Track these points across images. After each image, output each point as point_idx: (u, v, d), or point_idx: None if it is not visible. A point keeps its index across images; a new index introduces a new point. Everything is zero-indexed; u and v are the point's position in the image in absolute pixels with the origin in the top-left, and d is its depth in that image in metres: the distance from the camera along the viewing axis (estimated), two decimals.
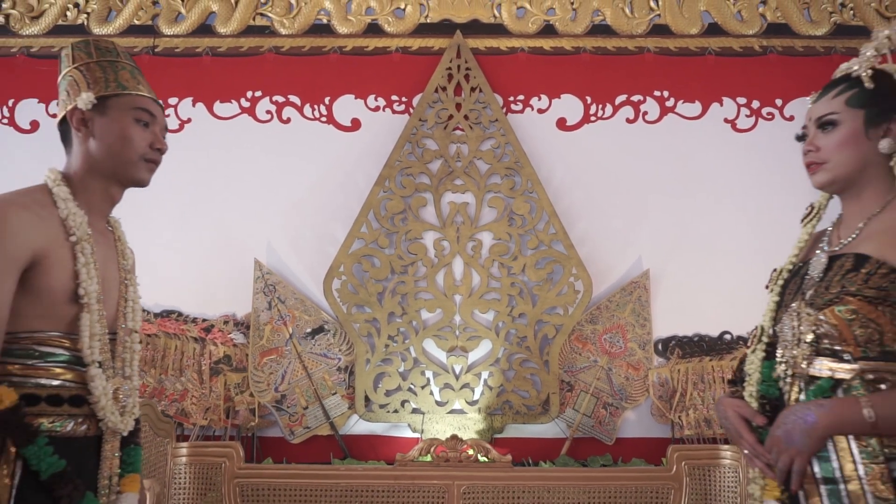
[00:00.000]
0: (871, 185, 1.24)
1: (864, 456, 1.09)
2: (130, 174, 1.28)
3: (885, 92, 1.23)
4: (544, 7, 3.27)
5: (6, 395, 1.08)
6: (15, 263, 1.11)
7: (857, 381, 1.13)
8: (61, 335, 1.16)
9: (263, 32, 3.25)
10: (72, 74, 1.28)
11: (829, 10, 3.27)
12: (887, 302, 1.12)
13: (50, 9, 3.27)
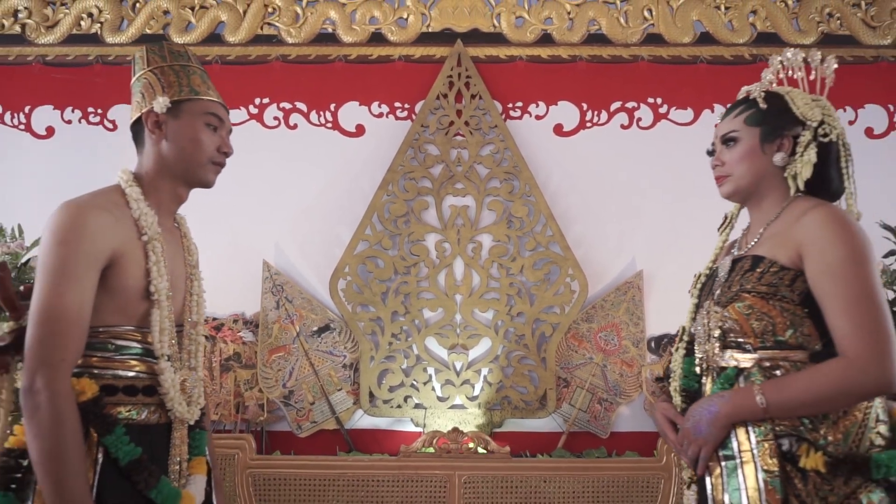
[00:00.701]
0: (769, 194, 1.37)
1: (757, 434, 1.20)
2: (199, 176, 1.34)
3: (777, 111, 1.37)
4: (542, 17, 3.38)
5: (88, 386, 1.14)
6: (96, 263, 1.16)
7: (755, 368, 1.25)
8: (134, 329, 1.22)
9: (271, 41, 3.35)
10: (146, 77, 1.33)
11: (816, 20, 3.37)
12: (777, 296, 1.25)
13: (64, 18, 3.37)
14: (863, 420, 1.19)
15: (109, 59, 3.34)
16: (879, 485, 1.15)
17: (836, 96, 3.50)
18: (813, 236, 1.23)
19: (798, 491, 1.14)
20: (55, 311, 1.11)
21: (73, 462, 1.08)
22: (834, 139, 1.34)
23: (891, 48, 3.34)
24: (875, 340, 1.15)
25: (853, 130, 3.30)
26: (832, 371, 1.17)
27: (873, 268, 1.21)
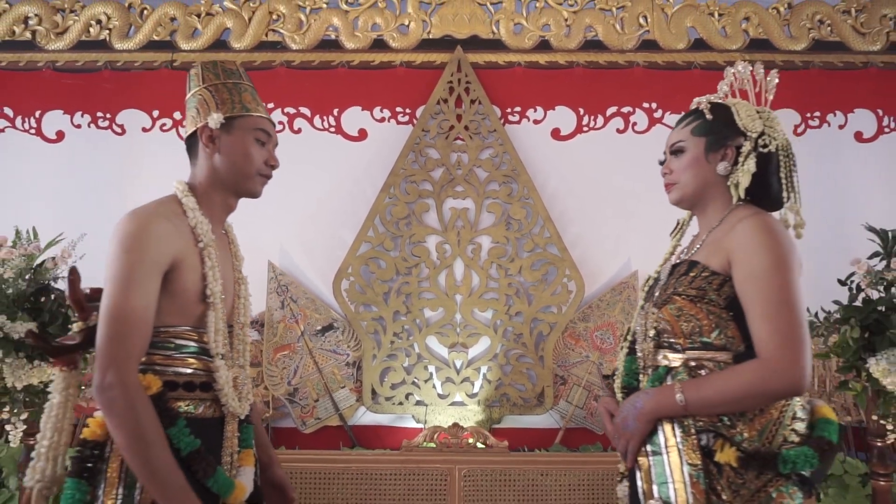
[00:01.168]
0: (713, 202, 1.44)
1: (681, 430, 1.26)
2: (248, 187, 1.43)
3: (722, 122, 1.42)
4: (540, 23, 3.46)
5: (153, 382, 1.22)
6: (158, 268, 1.24)
7: (682, 367, 1.32)
8: (191, 329, 1.30)
9: (275, 48, 3.42)
10: (201, 94, 1.42)
11: (807, 27, 3.45)
12: (704, 300, 1.31)
13: (74, 25, 3.44)
14: (778, 418, 1.25)
15: (118, 65, 3.42)
16: (790, 479, 1.20)
17: (827, 101, 3.60)
18: (741, 244, 1.28)
19: (714, 483, 1.20)
20: (123, 312, 1.19)
21: (155, 442, 1.17)
22: (773, 150, 1.39)
23: (880, 54, 3.42)
24: (789, 344, 1.20)
25: (843, 134, 3.39)
26: (747, 372, 1.23)
27: (795, 275, 1.26)
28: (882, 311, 2.32)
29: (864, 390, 2.36)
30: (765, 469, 1.20)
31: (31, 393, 2.29)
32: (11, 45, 3.43)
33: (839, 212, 3.23)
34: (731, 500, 1.18)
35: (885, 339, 2.25)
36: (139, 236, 1.23)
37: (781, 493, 1.19)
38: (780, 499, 1.19)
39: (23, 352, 2.24)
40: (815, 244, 3.20)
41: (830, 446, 1.24)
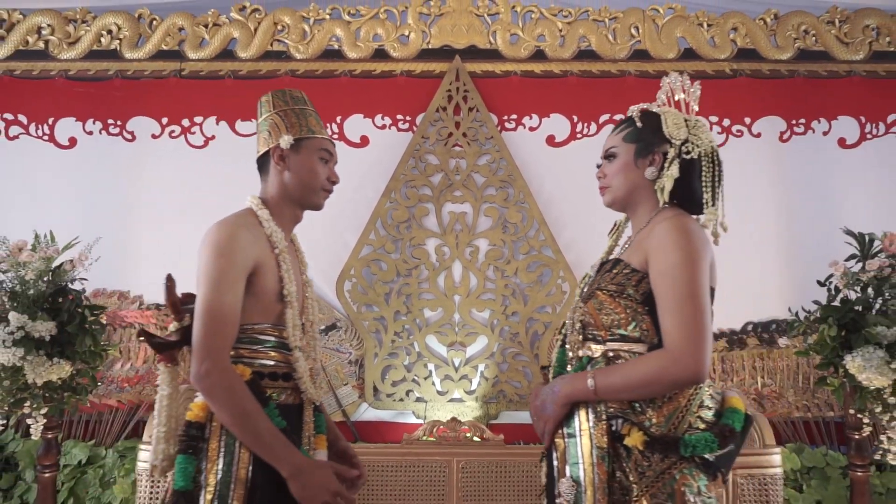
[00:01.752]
0: (642, 204, 1.52)
1: (594, 415, 1.35)
2: (313, 201, 1.59)
3: (651, 130, 1.51)
4: (535, 34, 3.58)
5: (245, 371, 1.39)
6: (244, 271, 1.41)
7: (601, 358, 1.41)
8: (271, 326, 1.46)
9: (280, 57, 3.54)
10: (272, 118, 1.58)
11: (793, 37, 3.57)
12: (623, 295, 1.40)
13: (85, 35, 3.56)
14: (685, 405, 1.33)
15: (128, 74, 3.54)
16: (694, 462, 1.29)
17: (812, 108, 3.73)
18: (656, 243, 1.37)
19: (623, 465, 1.30)
20: (217, 310, 1.36)
21: (254, 412, 1.34)
22: (695, 156, 1.47)
23: (862, 63, 3.54)
24: (691, 336, 1.29)
25: (827, 141, 3.51)
26: (651, 360, 1.32)
27: (701, 273, 1.34)
28: (858, 311, 2.45)
29: (841, 386, 2.48)
30: (669, 452, 1.28)
31: (51, 389, 2.40)
32: (25, 55, 3.55)
33: (823, 216, 3.34)
34: (636, 480, 1.28)
35: (861, 337, 2.38)
36: (227, 244, 1.40)
37: (685, 475, 1.27)
38: (684, 480, 1.27)
39: (42, 350, 2.36)
40: (800, 247, 3.37)
41: (732, 433, 1.31)
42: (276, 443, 1.34)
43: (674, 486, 1.27)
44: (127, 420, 3.19)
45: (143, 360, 3.22)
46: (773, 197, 3.46)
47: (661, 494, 1.26)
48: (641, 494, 1.27)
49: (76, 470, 2.86)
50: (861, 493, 2.51)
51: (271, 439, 1.34)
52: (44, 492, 2.49)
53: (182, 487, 1.33)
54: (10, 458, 3.00)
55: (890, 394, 2.34)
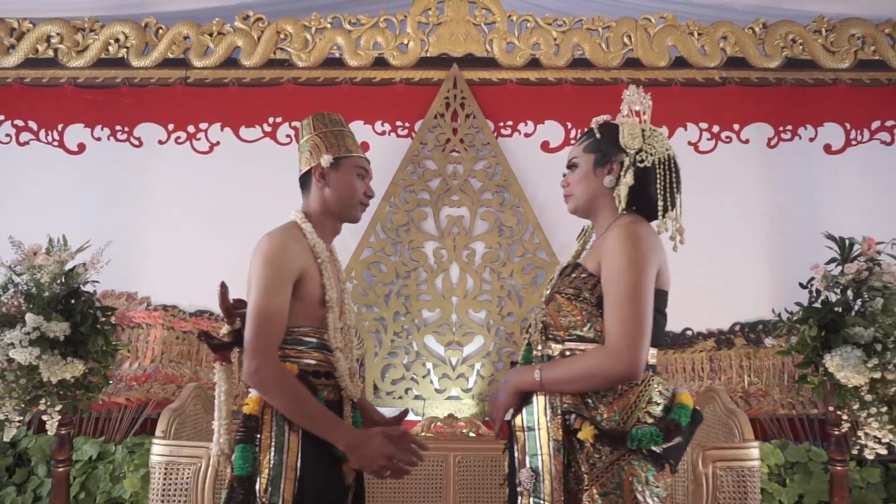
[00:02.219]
0: (602, 211, 1.60)
1: (550, 411, 1.44)
2: (351, 214, 1.72)
3: (609, 140, 1.59)
4: (530, 42, 3.69)
5: (293, 367, 1.52)
6: (291, 279, 1.53)
7: (559, 356, 1.50)
8: (313, 329, 1.58)
9: (283, 65, 3.65)
10: (313, 140, 1.71)
11: (780, 46, 3.68)
12: (579, 298, 1.48)
13: (93, 44, 3.67)
14: (634, 401, 1.41)
15: (135, 82, 3.65)
16: (642, 454, 1.37)
17: (799, 115, 3.83)
18: (607, 248, 1.45)
19: (576, 457, 1.40)
20: (267, 313, 1.48)
21: (304, 397, 1.48)
22: (648, 165, 1.53)
23: (848, 71, 3.66)
24: (628, 335, 1.37)
25: (813, 147, 3.63)
26: (591, 356, 1.42)
27: (645, 277, 1.41)
28: (838, 312, 2.55)
29: (821, 384, 2.58)
30: (617, 445, 1.37)
31: (64, 387, 2.50)
32: (35, 63, 3.66)
33: (808, 220, 3.45)
34: (587, 471, 1.38)
35: (840, 337, 2.48)
36: (276, 254, 1.53)
37: (633, 466, 1.37)
38: (632, 471, 1.36)
39: (57, 349, 2.46)
40: (786, 249, 3.48)
41: (677, 427, 1.39)
42: (329, 423, 1.48)
43: (622, 477, 1.36)
44: (135, 417, 3.30)
45: (151, 360, 3.33)
46: (760, 201, 3.57)
47: (609, 484, 1.36)
48: (591, 484, 1.37)
49: (87, 465, 2.97)
50: (840, 486, 2.61)
51: (325, 420, 1.48)
52: (58, 486, 2.59)
53: (242, 473, 1.46)
54: (22, 454, 3.11)
55: (867, 391, 2.44)
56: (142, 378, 3.29)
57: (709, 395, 2.62)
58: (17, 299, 2.49)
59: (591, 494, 1.36)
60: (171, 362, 3.35)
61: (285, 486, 1.44)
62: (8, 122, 3.63)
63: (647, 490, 1.36)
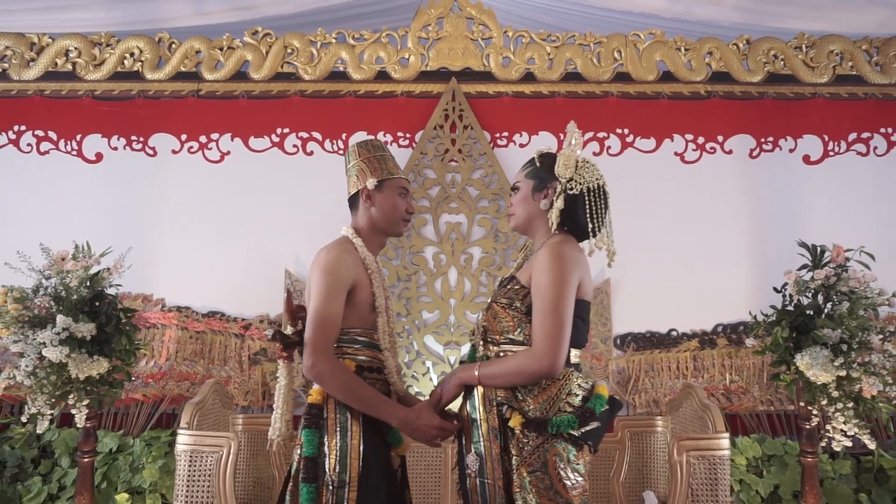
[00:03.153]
0: (538, 230, 1.82)
1: (487, 404, 1.66)
2: (395, 229, 1.92)
3: (546, 168, 1.82)
4: (525, 57, 3.88)
5: (350, 363, 1.73)
6: (346, 287, 1.73)
7: (495, 357, 1.72)
8: (364, 330, 1.79)
9: (290, 78, 3.84)
10: (359, 165, 1.90)
11: (763, 61, 3.87)
12: (512, 307, 1.71)
13: (110, 58, 3.85)
14: (556, 393, 1.64)
15: (149, 94, 3.83)
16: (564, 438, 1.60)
17: (779, 127, 4.04)
18: (536, 264, 1.69)
19: (508, 443, 1.63)
20: (325, 316, 1.69)
21: (358, 385, 1.69)
22: (577, 192, 1.75)
23: (826, 86, 3.85)
24: (549, 340, 1.60)
25: (793, 157, 3.82)
26: (520, 357, 1.65)
27: (566, 291, 1.64)
28: (808, 315, 2.75)
29: (793, 381, 2.78)
30: (541, 431, 1.61)
31: (91, 383, 2.69)
32: (54, 76, 3.84)
33: (788, 227, 3.65)
34: (517, 454, 1.61)
35: (810, 338, 2.67)
36: (334, 265, 1.73)
37: (556, 448, 1.60)
38: (555, 452, 1.59)
39: (84, 348, 2.65)
40: (767, 254, 3.67)
41: (592, 414, 1.62)
42: (381, 404, 1.70)
43: (546, 458, 1.60)
44: (151, 412, 3.49)
45: (166, 358, 3.53)
46: (742, 209, 3.76)
47: (535, 464, 1.59)
48: (520, 464, 1.60)
49: (108, 457, 3.16)
50: (811, 476, 2.81)
51: (377, 402, 1.70)
52: (83, 475, 2.78)
53: (310, 454, 1.66)
54: (46, 447, 3.30)
55: (834, 388, 2.63)
56: (157, 375, 3.48)
57: (687, 391, 2.82)
58: (48, 301, 2.68)
59: (521, 474, 1.59)
60: (184, 360, 3.54)
61: (351, 464, 1.64)
62: (29, 132, 3.81)
63: (568, 467, 1.60)
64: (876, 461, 3.19)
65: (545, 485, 1.58)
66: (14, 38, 3.86)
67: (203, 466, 2.27)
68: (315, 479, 1.64)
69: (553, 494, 1.58)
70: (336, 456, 1.65)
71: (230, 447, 2.29)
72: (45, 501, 3.11)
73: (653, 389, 3.49)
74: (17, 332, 2.65)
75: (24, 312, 2.67)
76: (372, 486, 1.66)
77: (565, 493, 1.58)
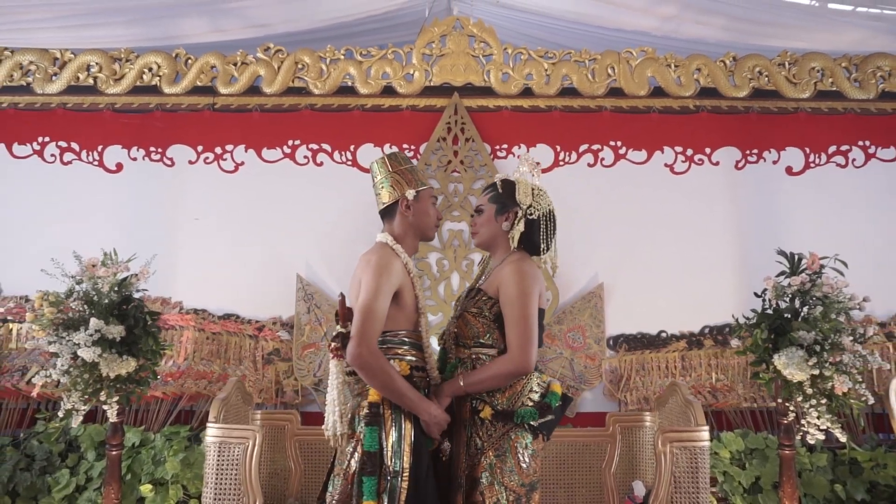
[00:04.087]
0: (500, 247, 2.11)
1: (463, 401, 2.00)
2: (429, 234, 2.12)
3: (507, 194, 2.10)
4: (524, 73, 4.09)
5: (403, 368, 1.93)
6: (393, 288, 1.91)
7: (467, 359, 2.04)
8: (408, 332, 2.00)
9: (301, 93, 4.04)
10: (393, 176, 2.07)
11: (748, 77, 4.09)
12: (481, 315, 2.02)
13: (129, 73, 4.05)
14: (520, 390, 1.98)
15: (167, 107, 4.04)
16: (524, 428, 1.93)
17: (764, 140, 4.26)
18: (502, 279, 1.99)
19: (477, 431, 1.95)
20: (372, 310, 1.86)
21: (396, 376, 1.87)
22: (535, 217, 2.06)
23: (808, 101, 4.08)
24: (522, 345, 1.92)
25: (776, 169, 4.05)
26: (498, 363, 1.95)
27: (530, 301, 1.95)
28: (786, 318, 2.97)
29: (771, 380, 3.00)
30: (507, 421, 1.94)
31: (120, 381, 2.90)
32: (76, 90, 4.04)
33: (771, 234, 3.85)
34: (486, 440, 1.94)
35: (786, 339, 2.90)
36: (384, 266, 1.92)
37: (518, 436, 1.93)
38: (517, 439, 1.93)
39: (114, 349, 2.85)
40: (751, 260, 3.89)
41: (549, 408, 1.97)
42: (413, 396, 1.89)
43: (509, 443, 1.93)
44: (171, 409, 3.70)
45: (184, 358, 3.73)
46: (728, 218, 3.99)
47: (500, 448, 1.92)
48: (489, 448, 1.93)
49: (131, 451, 3.36)
50: (788, 467, 3.02)
51: (410, 394, 1.89)
52: (112, 466, 2.98)
53: (372, 448, 1.85)
54: (72, 442, 3.50)
55: (808, 386, 2.85)
56: (176, 374, 3.69)
57: (672, 388, 3.03)
58: (81, 305, 2.88)
59: (488, 456, 1.92)
60: (201, 360, 3.74)
61: (404, 456, 1.84)
62: (53, 143, 4.01)
63: (525, 452, 1.94)
64: (848, 454, 3.41)
65: (507, 466, 1.90)
66: (38, 54, 4.06)
67: (230, 456, 2.48)
68: (374, 472, 1.82)
69: (511, 474, 1.90)
70: (392, 448, 1.85)
71: (255, 439, 2.50)
72: (74, 492, 3.32)
73: (643, 387, 3.71)
74: (52, 333, 2.86)
75: (58, 315, 2.88)
76: (421, 475, 1.85)
77: (520, 473, 1.91)
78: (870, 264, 3.81)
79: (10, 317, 3.79)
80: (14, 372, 3.69)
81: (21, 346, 3.76)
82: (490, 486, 1.89)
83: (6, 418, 3.68)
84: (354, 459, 1.87)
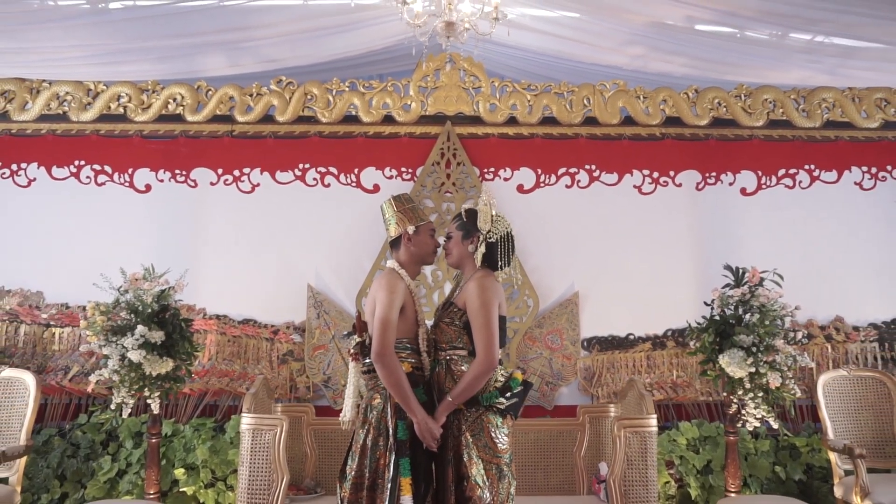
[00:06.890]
0: (467, 266, 2.55)
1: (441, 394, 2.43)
2: (427, 261, 2.59)
3: (471, 222, 2.55)
4: (509, 104, 4.57)
5: (406, 365, 2.37)
6: (400, 303, 2.37)
7: (444, 360, 2.44)
8: (409, 340, 2.44)
9: (309, 121, 4.50)
10: (398, 215, 2.54)
11: (709, 107, 4.58)
12: (454, 324, 2.45)
13: (156, 102, 4.50)
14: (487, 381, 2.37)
15: (190, 133, 4.50)
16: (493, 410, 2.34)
17: (721, 164, 4.82)
18: (468, 294, 2.42)
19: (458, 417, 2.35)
20: (387, 321, 2.33)
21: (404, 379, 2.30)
22: (494, 240, 2.49)
23: (761, 129, 4.58)
24: (487, 349, 2.33)
25: (732, 190, 4.55)
26: (471, 370, 2.35)
27: (492, 311, 2.37)
28: (730, 324, 3.49)
29: (718, 376, 3.52)
30: (477, 406, 2.37)
31: (160, 378, 3.38)
32: (108, 118, 4.50)
33: (727, 248, 4.32)
34: (460, 424, 2.35)
35: (729, 342, 3.41)
36: (394, 287, 2.40)
37: (489, 418, 2.36)
38: (489, 420, 2.35)
39: (156, 351, 3.34)
40: (708, 271, 4.38)
41: (509, 388, 2.39)
42: (412, 399, 2.31)
43: (482, 424, 2.35)
44: (197, 403, 4.18)
45: (208, 358, 4.21)
46: (690, 233, 4.49)
47: (475, 429, 2.34)
48: (466, 430, 2.35)
49: (164, 440, 3.84)
50: (732, 451, 3.54)
51: (412, 400, 2.32)
52: (152, 453, 3.47)
53: (403, 438, 2.30)
54: (111, 432, 3.97)
55: (747, 381, 3.37)
56: (201, 373, 4.17)
57: (631, 383, 3.55)
58: (128, 314, 3.37)
59: (466, 437, 2.34)
60: (223, 360, 4.22)
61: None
62: (88, 166, 4.47)
63: (497, 431, 2.36)
64: (781, 439, 3.93)
65: (483, 443, 2.32)
66: (73, 85, 4.52)
67: (262, 441, 2.97)
68: (406, 454, 2.27)
69: (488, 451, 2.32)
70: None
71: (282, 426, 3.00)
72: (115, 476, 3.80)
73: (613, 383, 4.22)
74: (103, 338, 3.34)
75: (108, 323, 3.36)
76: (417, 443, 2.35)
77: (494, 447, 2.33)
78: (813, 274, 4.33)
79: (53, 322, 4.25)
80: (58, 371, 4.16)
81: (63, 347, 4.22)
82: (470, 459, 2.30)
83: (52, 412, 4.15)
84: (370, 437, 2.35)
